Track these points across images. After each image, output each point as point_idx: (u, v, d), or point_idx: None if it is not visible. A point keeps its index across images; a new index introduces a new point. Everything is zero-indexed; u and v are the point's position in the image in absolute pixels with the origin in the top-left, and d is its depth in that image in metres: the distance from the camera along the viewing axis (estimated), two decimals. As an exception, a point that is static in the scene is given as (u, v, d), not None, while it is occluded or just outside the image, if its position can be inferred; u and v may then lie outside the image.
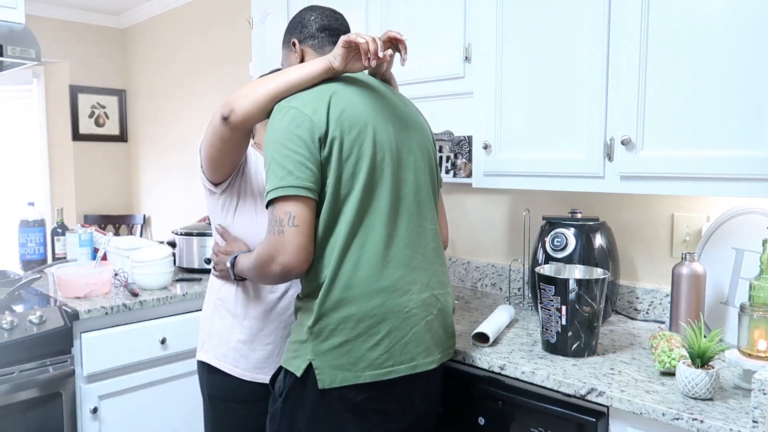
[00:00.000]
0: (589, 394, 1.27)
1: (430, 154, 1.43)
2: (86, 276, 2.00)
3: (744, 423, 1.08)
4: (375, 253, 1.26)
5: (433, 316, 1.33)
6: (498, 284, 2.20)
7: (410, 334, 1.27)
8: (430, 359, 1.31)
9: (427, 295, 1.32)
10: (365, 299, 1.24)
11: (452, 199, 2.35)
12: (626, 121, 1.46)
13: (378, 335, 1.24)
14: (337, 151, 1.24)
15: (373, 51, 1.27)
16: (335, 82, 1.32)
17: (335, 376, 1.23)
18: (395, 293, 1.26)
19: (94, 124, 4.58)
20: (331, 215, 1.25)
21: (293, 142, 1.21)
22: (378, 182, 1.28)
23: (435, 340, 1.33)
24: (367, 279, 1.25)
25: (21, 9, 2.17)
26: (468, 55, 1.80)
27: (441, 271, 1.40)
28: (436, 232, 1.40)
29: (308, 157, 1.21)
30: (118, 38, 4.67)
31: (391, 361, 1.25)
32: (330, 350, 1.24)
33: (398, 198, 1.31)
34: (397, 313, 1.26)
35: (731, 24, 1.30)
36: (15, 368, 1.72)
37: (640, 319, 1.81)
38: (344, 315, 1.23)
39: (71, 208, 4.50)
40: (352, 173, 1.25)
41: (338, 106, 1.26)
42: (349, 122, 1.26)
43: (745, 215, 1.55)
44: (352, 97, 1.30)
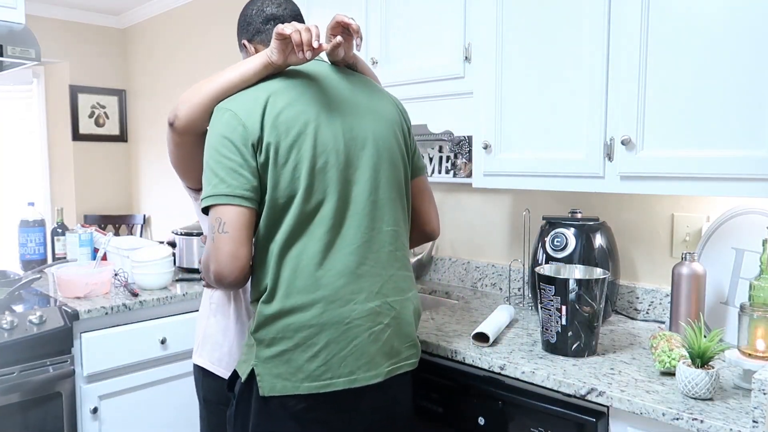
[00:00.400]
0: (589, 394, 1.27)
1: (393, 145, 1.34)
2: (86, 276, 2.00)
3: (744, 423, 1.08)
4: (314, 262, 1.21)
5: (383, 326, 1.27)
6: (498, 284, 2.19)
7: (350, 346, 1.22)
8: (373, 373, 1.25)
9: (375, 303, 1.26)
10: (303, 309, 1.21)
11: (452, 199, 2.35)
12: (626, 121, 1.46)
13: (316, 346, 1.21)
14: (273, 157, 1.19)
15: (306, 41, 1.19)
16: (278, 79, 1.26)
17: (275, 384, 1.21)
18: (335, 303, 1.22)
19: (94, 124, 4.58)
20: (271, 222, 1.22)
21: (226, 147, 1.18)
22: (320, 186, 1.22)
23: (383, 351, 1.27)
24: (305, 288, 1.21)
25: (21, 9, 2.17)
26: (468, 55, 1.80)
27: (400, 276, 1.32)
28: (394, 233, 1.32)
29: (241, 164, 1.18)
30: (118, 38, 4.67)
31: (329, 373, 1.21)
32: (270, 358, 1.22)
33: (345, 201, 1.25)
34: (336, 325, 1.21)
35: (731, 24, 1.30)
36: (15, 368, 1.72)
37: (640, 319, 1.81)
38: (283, 324, 1.21)
39: (71, 208, 4.50)
40: (291, 179, 1.20)
41: (275, 107, 1.21)
42: (286, 125, 1.20)
43: (745, 215, 1.55)
44: (294, 96, 1.24)
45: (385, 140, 1.32)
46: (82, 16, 4.44)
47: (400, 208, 1.35)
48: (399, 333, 1.31)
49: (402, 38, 1.98)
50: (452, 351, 1.52)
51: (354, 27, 1.27)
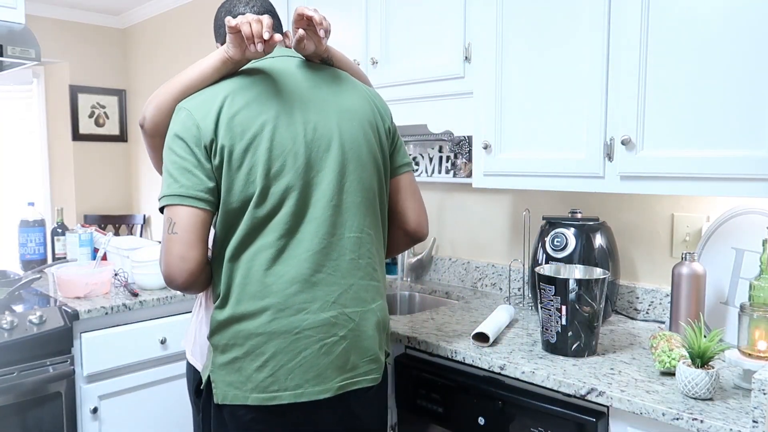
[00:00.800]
0: (589, 394, 1.27)
1: (362, 145, 1.26)
2: (86, 276, 2.00)
3: (744, 423, 1.08)
4: (265, 268, 1.17)
5: (337, 338, 1.20)
6: (498, 284, 2.19)
7: (299, 357, 1.17)
8: (322, 387, 1.19)
9: (330, 314, 1.20)
10: (253, 316, 1.17)
11: (452, 199, 2.35)
12: (626, 121, 1.46)
13: (264, 356, 1.17)
14: (227, 161, 1.16)
15: (256, 33, 1.14)
16: (239, 77, 1.22)
17: (227, 393, 1.19)
18: (285, 311, 1.17)
19: (94, 124, 4.58)
20: (226, 227, 1.19)
21: (180, 147, 1.16)
22: (276, 191, 1.17)
23: (336, 365, 1.20)
24: (255, 295, 1.17)
25: (21, 9, 2.17)
26: (468, 55, 1.80)
27: (361, 285, 1.25)
28: (357, 240, 1.24)
29: (194, 164, 1.15)
30: (118, 38, 4.67)
31: (276, 385, 1.17)
32: (224, 365, 1.20)
33: (304, 206, 1.19)
34: (285, 334, 1.17)
35: (731, 24, 1.30)
36: (15, 368, 1.72)
37: (640, 319, 1.81)
38: (234, 330, 1.19)
39: (71, 208, 4.50)
40: (245, 183, 1.16)
41: (232, 108, 1.17)
42: (242, 127, 1.16)
43: (745, 215, 1.55)
44: (253, 95, 1.19)
45: (353, 140, 1.25)
46: (82, 16, 4.44)
47: (370, 213, 1.28)
48: (357, 346, 1.24)
49: (402, 38, 1.98)
50: (452, 351, 1.52)
51: (316, 19, 1.22)
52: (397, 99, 2.01)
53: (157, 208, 1.20)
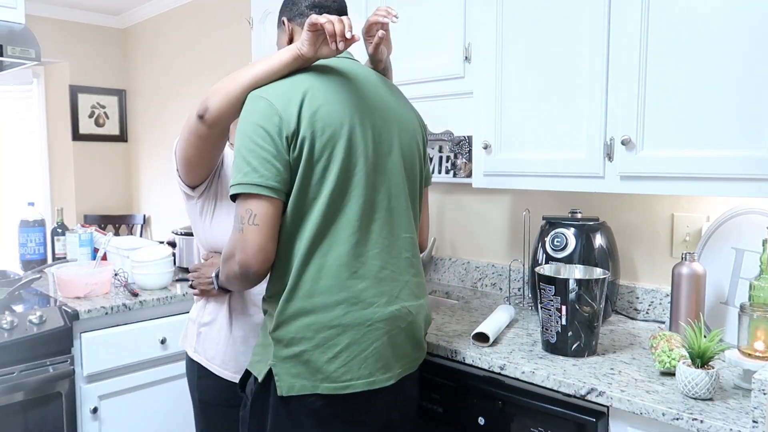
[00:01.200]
0: (589, 394, 1.27)
1: (414, 154, 1.36)
2: (86, 276, 2.01)
3: (744, 423, 1.08)
4: (339, 263, 1.21)
5: (399, 330, 1.28)
6: (498, 284, 2.20)
7: (371, 348, 1.23)
8: (388, 375, 1.26)
9: (395, 307, 1.27)
10: (326, 309, 1.20)
11: (452, 199, 2.35)
12: (626, 121, 1.46)
13: (336, 347, 1.20)
14: (307, 153, 1.17)
15: (339, 32, 1.17)
16: (314, 75, 1.24)
17: (293, 384, 1.20)
18: (358, 305, 1.22)
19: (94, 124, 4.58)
20: (296, 219, 1.20)
21: (260, 136, 1.16)
22: (349, 188, 1.22)
23: (397, 354, 1.28)
24: (329, 289, 1.20)
25: (21, 9, 2.17)
26: (468, 55, 1.80)
27: (414, 282, 1.34)
28: (411, 241, 1.34)
29: (274, 154, 1.16)
30: (118, 38, 4.67)
31: (349, 375, 1.21)
32: (289, 358, 1.21)
33: (371, 206, 1.25)
34: (358, 326, 1.21)
35: (731, 24, 1.30)
36: (15, 368, 1.72)
37: (640, 319, 1.81)
38: (304, 324, 1.20)
39: (71, 208, 4.50)
40: (321, 177, 1.19)
41: (313, 104, 1.19)
42: (323, 123, 1.19)
43: (745, 215, 1.55)
44: (330, 94, 1.22)
45: (408, 149, 1.34)
46: (82, 16, 4.44)
47: (414, 217, 1.36)
48: (411, 337, 1.32)
49: (402, 38, 1.98)
50: (452, 351, 1.52)
51: (393, 17, 1.27)
52: (397, 99, 2.01)
53: (230, 194, 1.18)
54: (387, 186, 1.28)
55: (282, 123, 1.16)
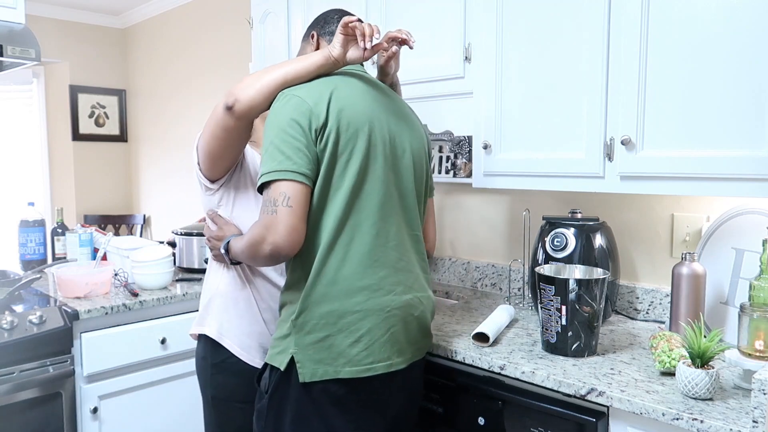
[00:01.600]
0: (589, 394, 1.27)
1: (422, 161, 1.45)
2: (86, 276, 2.01)
3: (744, 423, 1.08)
4: (362, 252, 1.28)
5: (413, 318, 1.35)
6: (498, 284, 2.19)
7: (388, 333, 1.29)
8: (402, 359, 1.34)
9: (410, 296, 1.35)
10: (348, 296, 1.26)
11: (452, 199, 2.35)
12: (626, 121, 1.46)
13: (359, 332, 1.26)
14: (332, 146, 1.25)
15: (368, 34, 1.28)
16: (338, 77, 1.34)
17: (316, 370, 1.25)
18: (378, 292, 1.29)
19: (94, 124, 4.58)
20: (320, 208, 1.27)
21: (293, 128, 1.23)
22: (368, 182, 1.30)
23: (409, 340, 1.35)
24: (352, 276, 1.27)
25: (21, 9, 2.17)
26: (468, 55, 1.80)
27: (423, 277, 1.42)
28: (419, 239, 1.42)
29: (306, 145, 1.23)
30: (118, 38, 4.67)
31: (371, 358, 1.27)
32: (312, 344, 1.26)
33: (388, 201, 1.33)
34: (379, 312, 1.28)
35: (730, 24, 1.30)
36: (15, 368, 1.72)
37: (640, 319, 1.81)
38: (327, 310, 1.26)
39: (71, 208, 4.50)
40: (343, 170, 1.27)
41: (339, 102, 1.27)
42: (347, 119, 1.27)
43: (745, 215, 1.55)
44: (354, 95, 1.31)
45: (418, 156, 1.42)
46: (82, 16, 4.44)
47: (421, 218, 1.45)
48: (421, 325, 1.39)
49: (402, 38, 1.98)
50: (452, 351, 1.52)
51: (411, 42, 1.38)
52: (397, 99, 2.01)
53: (264, 180, 1.23)
54: (400, 185, 1.36)
55: (312, 116, 1.24)
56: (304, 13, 2.29)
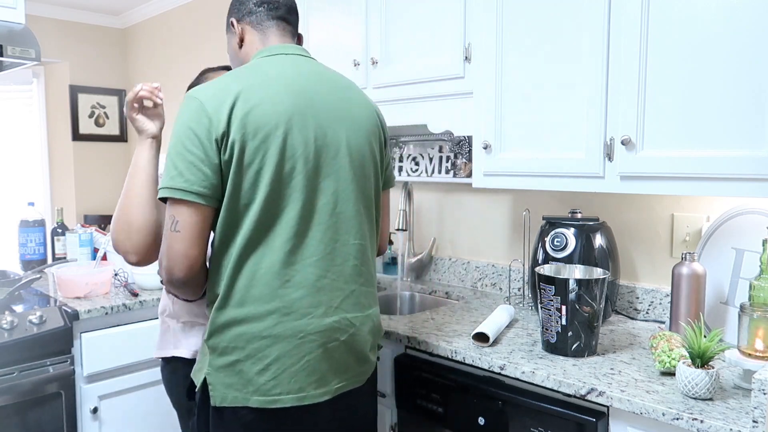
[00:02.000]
0: (589, 394, 1.27)
1: (366, 156, 1.29)
2: (86, 276, 2.01)
3: (744, 423, 1.08)
4: (272, 271, 1.17)
5: (339, 342, 1.23)
6: (498, 284, 2.19)
7: (302, 362, 1.18)
8: (322, 390, 1.21)
9: (333, 319, 1.22)
10: (257, 319, 1.17)
11: (452, 199, 2.35)
12: (626, 121, 1.46)
13: (267, 359, 1.16)
14: (238, 157, 1.13)
15: (151, 92, 1.35)
16: (252, 74, 1.20)
17: (226, 395, 1.18)
18: (290, 315, 1.17)
19: (94, 124, 4.58)
20: (229, 225, 1.17)
21: (189, 139, 1.13)
22: (285, 193, 1.17)
23: (335, 368, 1.23)
24: (261, 298, 1.17)
25: (21, 9, 2.17)
26: (468, 55, 1.80)
27: (362, 291, 1.28)
28: (360, 247, 1.27)
29: (203, 159, 1.12)
30: (118, 38, 4.67)
31: (279, 389, 1.17)
32: (223, 367, 1.18)
33: (310, 211, 1.20)
34: (290, 338, 1.17)
35: (730, 24, 1.30)
36: (15, 368, 1.72)
37: (640, 319, 1.81)
38: (236, 333, 1.17)
39: (71, 208, 4.49)
40: (254, 182, 1.15)
41: (246, 104, 1.15)
42: (255, 125, 1.14)
43: (745, 215, 1.55)
44: (268, 95, 1.18)
45: (358, 150, 1.28)
46: (82, 16, 4.44)
47: (367, 222, 1.30)
48: (353, 350, 1.27)
49: (402, 38, 1.98)
50: (452, 351, 1.52)
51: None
52: (397, 99, 2.01)
53: (158, 197, 1.17)
54: (333, 189, 1.23)
55: (211, 125, 1.13)
56: (304, 13, 2.29)
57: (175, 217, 1.13)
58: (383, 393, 1.71)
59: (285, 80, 1.21)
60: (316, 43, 2.26)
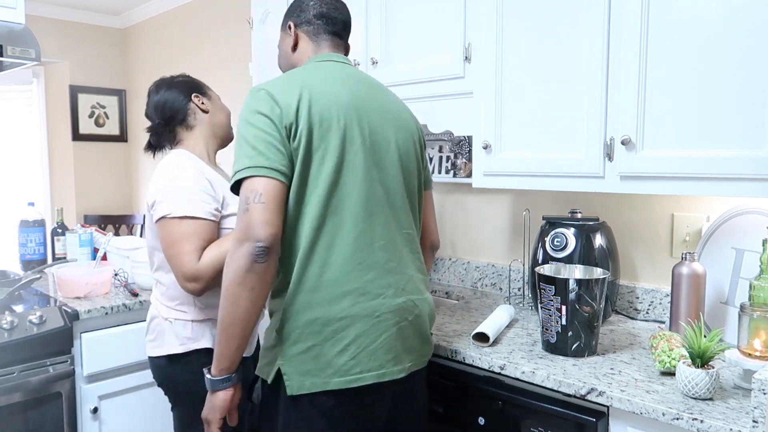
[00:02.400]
0: (589, 394, 1.27)
1: (411, 154, 1.37)
2: (86, 276, 2.01)
3: (744, 423, 1.08)
4: (344, 255, 1.21)
5: (408, 323, 1.28)
6: (498, 284, 2.19)
7: (380, 339, 1.22)
8: (399, 368, 1.26)
9: (402, 299, 1.27)
10: (332, 302, 1.20)
11: (452, 199, 2.35)
12: (626, 121, 1.46)
13: (345, 340, 1.20)
14: (306, 143, 1.19)
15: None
16: (311, 74, 1.28)
17: (303, 382, 1.19)
18: (365, 296, 1.22)
19: (94, 124, 4.58)
20: (297, 210, 1.21)
21: (264, 123, 1.18)
22: (347, 179, 1.23)
23: (406, 347, 1.28)
24: (335, 281, 1.20)
25: (21, 9, 2.17)
26: (468, 55, 1.80)
27: (417, 278, 1.34)
28: (411, 237, 1.35)
29: (279, 140, 1.18)
30: (118, 38, 4.67)
31: (359, 367, 1.20)
32: (297, 355, 1.20)
33: (372, 197, 1.26)
34: (366, 318, 1.21)
35: (730, 24, 1.30)
36: (15, 368, 1.72)
37: (640, 319, 1.81)
38: (310, 318, 1.19)
39: (71, 208, 4.50)
40: (319, 168, 1.21)
41: (310, 97, 1.22)
42: (320, 115, 1.21)
43: (745, 215, 1.55)
44: (328, 90, 1.26)
45: (405, 148, 1.35)
46: (82, 16, 4.44)
47: (413, 215, 1.37)
48: (419, 331, 1.32)
49: (402, 38, 1.98)
50: (452, 351, 1.52)
51: None
52: (397, 99, 2.01)
53: (235, 179, 1.18)
54: (385, 181, 1.29)
55: (282, 114, 1.19)
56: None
57: (257, 191, 1.14)
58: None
59: (340, 80, 1.29)
60: (316, 43, 2.26)
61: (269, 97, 1.20)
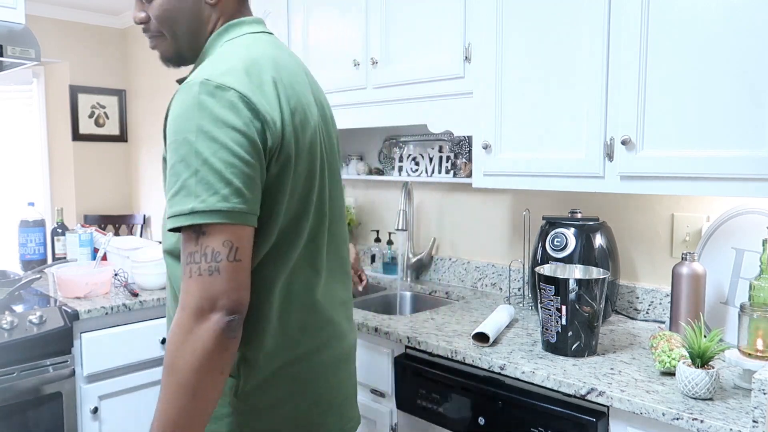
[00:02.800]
0: (589, 394, 1.27)
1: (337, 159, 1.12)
2: (86, 276, 2.00)
3: (744, 423, 1.08)
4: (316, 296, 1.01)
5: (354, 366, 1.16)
6: (498, 284, 2.19)
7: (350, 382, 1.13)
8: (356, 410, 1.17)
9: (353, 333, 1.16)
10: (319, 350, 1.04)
11: (452, 199, 2.35)
12: (626, 121, 1.46)
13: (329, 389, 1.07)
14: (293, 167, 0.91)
15: None
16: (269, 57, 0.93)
17: None
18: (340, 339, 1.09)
19: (94, 124, 4.58)
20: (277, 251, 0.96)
21: (239, 144, 0.84)
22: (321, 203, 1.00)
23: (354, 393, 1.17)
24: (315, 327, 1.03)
25: (21, 9, 2.17)
26: (468, 55, 1.80)
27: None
28: (348, 261, 1.14)
29: (259, 171, 0.88)
30: (118, 38, 4.67)
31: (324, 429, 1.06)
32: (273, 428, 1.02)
33: (321, 220, 1.01)
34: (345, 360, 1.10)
35: (731, 24, 1.30)
36: (15, 368, 1.72)
37: (640, 319, 1.81)
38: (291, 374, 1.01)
39: (71, 208, 4.50)
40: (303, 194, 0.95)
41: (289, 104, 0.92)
42: (302, 121, 0.93)
43: (745, 215, 1.55)
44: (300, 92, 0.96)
45: (338, 147, 1.13)
46: (82, 16, 4.44)
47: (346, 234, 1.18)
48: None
49: (402, 38, 1.98)
50: (452, 351, 1.52)
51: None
52: (397, 99, 2.01)
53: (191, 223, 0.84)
54: (333, 195, 1.06)
55: (266, 130, 0.87)
56: (304, 13, 2.29)
57: (233, 243, 0.84)
58: (383, 393, 1.71)
59: (294, 67, 0.99)
60: (316, 43, 2.26)
61: (243, 102, 0.85)
